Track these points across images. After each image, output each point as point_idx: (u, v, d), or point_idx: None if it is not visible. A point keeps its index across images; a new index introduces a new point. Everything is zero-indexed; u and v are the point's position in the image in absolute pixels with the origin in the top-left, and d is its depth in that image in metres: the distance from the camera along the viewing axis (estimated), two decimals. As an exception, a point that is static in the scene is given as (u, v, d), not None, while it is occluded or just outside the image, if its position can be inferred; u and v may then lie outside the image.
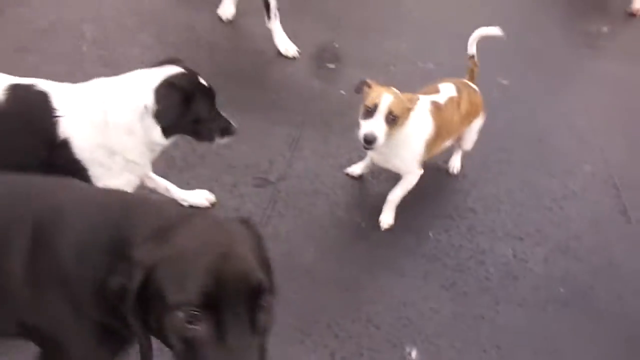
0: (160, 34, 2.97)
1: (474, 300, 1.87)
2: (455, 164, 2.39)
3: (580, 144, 2.71)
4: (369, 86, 1.85)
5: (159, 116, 1.51)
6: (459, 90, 2.12)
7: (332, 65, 3.01)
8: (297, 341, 1.65)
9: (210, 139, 1.67)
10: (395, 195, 2.05)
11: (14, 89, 1.48)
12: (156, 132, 1.55)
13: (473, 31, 2.23)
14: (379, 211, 2.10)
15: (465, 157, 2.38)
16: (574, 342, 1.78)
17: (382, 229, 2.05)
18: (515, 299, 1.89)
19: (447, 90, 2.09)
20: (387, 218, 2.07)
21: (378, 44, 3.19)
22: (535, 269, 2.01)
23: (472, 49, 2.24)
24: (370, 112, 1.78)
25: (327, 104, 2.70)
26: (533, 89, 3.03)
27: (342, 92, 2.79)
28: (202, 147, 1.91)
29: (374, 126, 1.77)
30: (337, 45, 3.14)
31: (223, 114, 1.68)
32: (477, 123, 2.27)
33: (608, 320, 1.87)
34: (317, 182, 2.20)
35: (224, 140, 1.70)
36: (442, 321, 1.79)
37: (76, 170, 1.51)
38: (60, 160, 1.50)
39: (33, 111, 1.49)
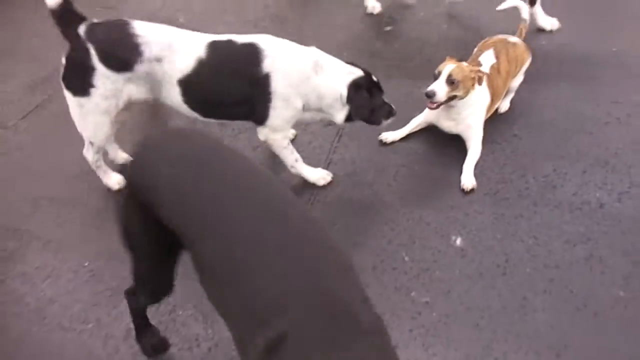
0: (240, 14, 3.48)
1: (514, 204, 2.15)
2: (504, 104, 2.66)
3: (630, 79, 2.85)
4: (444, 60, 2.27)
5: (350, 106, 1.99)
6: (497, 55, 2.44)
7: (389, 28, 3.37)
8: (360, 228, 2.04)
9: (379, 122, 2.13)
10: (470, 162, 2.28)
11: (211, 44, 1.89)
12: (341, 114, 2.02)
13: None
14: (436, 141, 2.45)
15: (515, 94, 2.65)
16: (608, 235, 2.01)
17: (467, 190, 2.19)
18: (553, 202, 2.15)
19: (487, 60, 2.42)
20: (468, 180, 2.21)
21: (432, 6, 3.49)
22: (573, 180, 2.24)
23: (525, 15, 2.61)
24: (436, 77, 2.21)
25: (385, 60, 3.06)
26: (584, 32, 3.20)
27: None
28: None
29: (435, 85, 2.18)
30: (393, 10, 3.49)
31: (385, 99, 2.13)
32: (522, 69, 2.57)
33: (635, 227, 2.06)
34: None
35: (388, 121, 2.15)
36: (485, 219, 2.09)
37: (265, 100, 1.92)
38: (256, 91, 1.90)
39: (239, 56, 1.89)
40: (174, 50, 1.87)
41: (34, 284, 2.00)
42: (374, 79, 2.05)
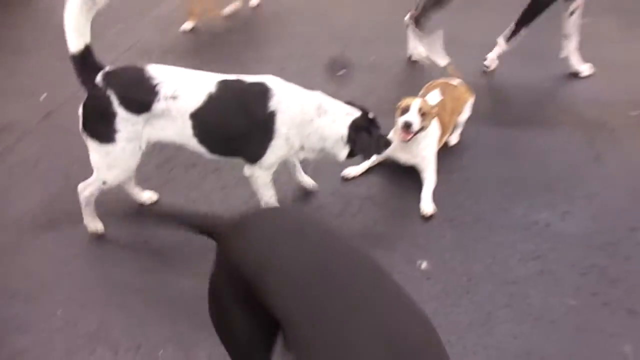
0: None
1: (471, 228, 2.32)
2: (454, 138, 2.89)
3: (561, 112, 3.17)
4: (401, 101, 2.49)
5: (352, 145, 2.11)
6: (442, 93, 2.69)
7: (342, 72, 3.59)
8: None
9: (379, 152, 2.26)
10: (428, 191, 2.45)
11: (222, 82, 1.99)
12: (344, 152, 2.13)
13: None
14: (393, 174, 2.63)
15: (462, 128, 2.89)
16: (556, 251, 2.20)
17: (428, 216, 2.36)
18: (505, 224, 2.33)
19: (434, 99, 2.65)
20: (428, 207, 2.38)
21: (381, 51, 3.76)
22: (521, 203, 2.45)
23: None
24: (405, 111, 2.41)
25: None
26: (520, 71, 3.53)
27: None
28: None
29: (411, 116, 2.39)
30: (345, 55, 3.73)
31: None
32: (468, 105, 2.83)
33: (584, 237, 2.28)
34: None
35: (386, 150, 2.28)
36: (446, 243, 2.24)
37: (267, 138, 2.01)
38: (261, 127, 2.00)
39: (247, 92, 2.00)
40: (187, 86, 1.97)
41: (3, 336, 1.96)
42: (371, 115, 2.18)
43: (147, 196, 2.47)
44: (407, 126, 2.37)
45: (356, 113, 2.12)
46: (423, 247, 2.22)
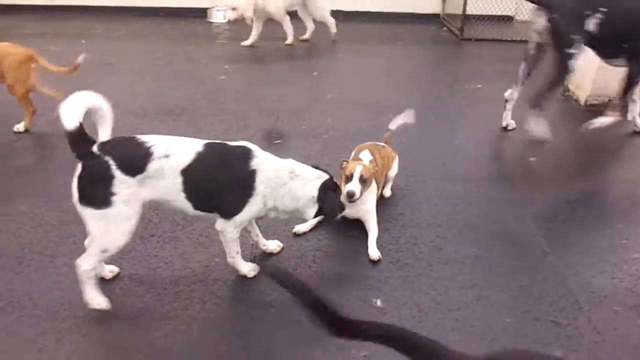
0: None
1: (414, 266, 2.61)
2: (387, 191, 3.25)
3: (472, 162, 3.66)
4: (347, 162, 2.78)
5: (321, 204, 2.35)
6: (372, 153, 3.05)
7: (278, 141, 3.90)
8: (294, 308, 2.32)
9: (337, 215, 2.51)
10: (373, 239, 2.72)
11: (208, 144, 2.23)
12: (312, 211, 2.36)
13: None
14: (338, 227, 2.88)
15: (393, 183, 3.25)
16: (488, 279, 2.54)
17: (375, 260, 2.62)
18: (442, 260, 2.66)
19: (366, 157, 3.01)
20: (374, 253, 2.64)
21: (310, 120, 4.14)
22: (453, 241, 2.80)
23: (392, 126, 3.27)
24: (349, 178, 2.68)
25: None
26: (433, 131, 4.03)
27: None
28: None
29: (352, 186, 2.66)
30: (279, 127, 4.06)
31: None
32: (394, 162, 3.22)
33: (508, 265, 2.66)
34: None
35: (342, 213, 2.52)
36: (394, 282, 2.51)
37: (246, 195, 2.23)
38: (241, 183, 2.22)
39: (231, 152, 2.25)
40: (178, 146, 2.17)
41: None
42: (334, 180, 2.44)
43: (109, 269, 2.54)
44: (350, 196, 2.65)
45: (325, 176, 2.40)
46: (375, 287, 2.47)
